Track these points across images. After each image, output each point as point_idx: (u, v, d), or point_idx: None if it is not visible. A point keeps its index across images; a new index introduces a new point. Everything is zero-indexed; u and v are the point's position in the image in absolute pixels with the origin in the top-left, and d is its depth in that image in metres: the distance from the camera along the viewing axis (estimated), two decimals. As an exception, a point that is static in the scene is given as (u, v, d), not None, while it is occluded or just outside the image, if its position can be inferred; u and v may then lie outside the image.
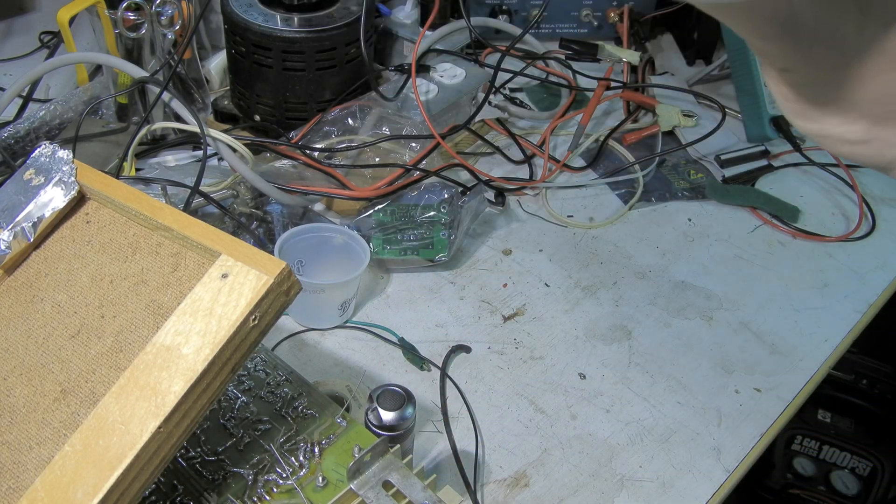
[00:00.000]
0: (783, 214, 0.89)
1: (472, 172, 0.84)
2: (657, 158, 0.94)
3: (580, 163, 0.94)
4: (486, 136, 0.94)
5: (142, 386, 0.45)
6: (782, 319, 0.78)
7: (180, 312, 0.47)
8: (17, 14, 1.11)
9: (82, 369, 0.48)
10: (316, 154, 0.81)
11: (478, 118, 0.94)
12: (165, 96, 0.76)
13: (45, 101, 0.88)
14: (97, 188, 0.54)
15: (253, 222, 0.77)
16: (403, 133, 0.83)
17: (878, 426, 1.20)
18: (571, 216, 0.88)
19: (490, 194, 0.86)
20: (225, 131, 0.80)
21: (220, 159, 0.80)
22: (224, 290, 0.47)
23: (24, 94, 0.89)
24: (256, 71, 0.85)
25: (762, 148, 0.97)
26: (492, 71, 0.94)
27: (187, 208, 0.73)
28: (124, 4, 0.80)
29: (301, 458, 0.54)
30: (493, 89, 0.97)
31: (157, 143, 0.88)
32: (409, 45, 0.98)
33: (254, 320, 0.46)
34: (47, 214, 0.54)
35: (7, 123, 0.85)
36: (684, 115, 0.98)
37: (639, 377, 0.72)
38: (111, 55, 0.83)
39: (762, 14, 0.31)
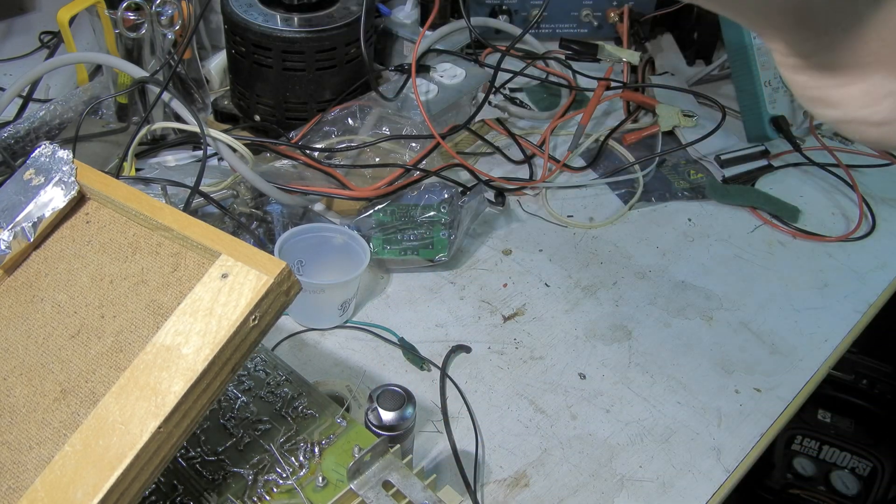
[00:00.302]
0: (783, 214, 0.89)
1: (472, 172, 0.84)
2: (657, 158, 0.94)
3: (580, 163, 0.94)
4: (486, 136, 0.94)
5: (142, 386, 0.45)
6: (782, 319, 0.78)
7: (180, 312, 0.47)
8: (17, 14, 1.11)
9: (82, 369, 0.48)
10: (316, 154, 0.81)
11: (478, 118, 0.94)
12: (165, 96, 0.76)
13: (45, 101, 0.88)
14: (97, 188, 0.54)
15: (253, 222, 0.77)
16: (403, 133, 0.83)
17: (878, 426, 1.20)
18: (571, 216, 0.88)
19: (490, 194, 0.86)
20: (225, 131, 0.80)
21: (220, 159, 0.80)
22: (224, 290, 0.47)
23: (24, 94, 0.89)
24: (256, 71, 0.85)
25: (762, 148, 0.97)
26: (492, 71, 0.94)
27: (187, 208, 0.73)
28: (124, 4, 0.80)
29: (301, 458, 0.54)
30: (493, 89, 0.97)
31: (157, 143, 0.88)
32: (409, 45, 0.98)
33: (254, 320, 0.46)
34: (47, 214, 0.54)
35: (7, 123, 0.85)
36: (684, 115, 0.98)
37: (639, 377, 0.72)
38: (111, 55, 0.83)
39: (774, 5, 0.31)
